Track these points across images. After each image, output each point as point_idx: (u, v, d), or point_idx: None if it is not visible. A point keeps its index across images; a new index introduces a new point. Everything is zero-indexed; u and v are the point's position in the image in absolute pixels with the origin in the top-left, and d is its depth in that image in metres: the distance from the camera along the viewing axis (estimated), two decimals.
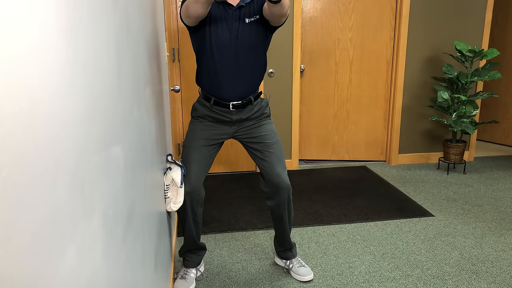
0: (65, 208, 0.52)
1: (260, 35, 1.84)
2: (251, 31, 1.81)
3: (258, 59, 1.87)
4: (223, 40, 1.79)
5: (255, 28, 1.82)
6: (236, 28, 1.79)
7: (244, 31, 1.80)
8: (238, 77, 1.84)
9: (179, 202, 1.78)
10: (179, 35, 3.45)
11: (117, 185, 0.82)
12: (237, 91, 1.85)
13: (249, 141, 1.94)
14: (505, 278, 2.07)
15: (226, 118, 1.89)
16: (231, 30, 1.79)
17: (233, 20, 1.79)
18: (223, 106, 1.87)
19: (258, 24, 1.82)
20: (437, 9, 3.75)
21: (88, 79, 0.65)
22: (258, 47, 1.85)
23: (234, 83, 1.84)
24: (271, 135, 1.93)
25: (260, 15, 1.81)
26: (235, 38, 1.79)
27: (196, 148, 1.88)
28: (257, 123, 1.93)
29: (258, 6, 1.81)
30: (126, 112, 0.95)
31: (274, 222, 2.01)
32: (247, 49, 1.82)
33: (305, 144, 4.06)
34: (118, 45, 0.89)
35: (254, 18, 1.81)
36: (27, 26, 0.43)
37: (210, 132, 1.90)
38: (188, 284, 1.97)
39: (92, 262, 0.63)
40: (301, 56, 3.82)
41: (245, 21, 1.80)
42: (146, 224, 1.20)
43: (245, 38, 1.80)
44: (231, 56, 1.81)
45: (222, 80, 1.84)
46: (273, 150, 1.91)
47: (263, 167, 1.91)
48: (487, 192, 3.27)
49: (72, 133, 0.56)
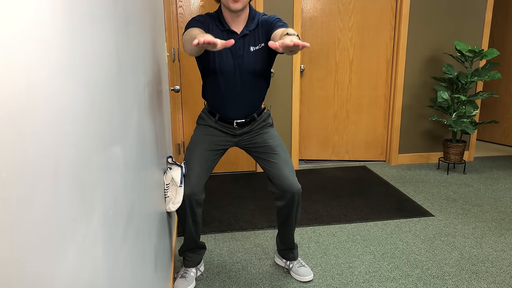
0: (65, 208, 0.52)
1: (265, 61, 1.85)
2: (256, 59, 1.81)
3: (262, 81, 1.89)
4: (227, 67, 1.80)
5: (260, 55, 1.82)
6: (241, 56, 1.79)
7: (249, 59, 1.80)
8: (242, 99, 1.86)
9: (178, 202, 1.78)
10: (179, 35, 3.45)
11: (117, 185, 0.82)
12: (241, 112, 1.89)
13: (253, 148, 1.95)
14: (505, 278, 2.07)
15: (230, 132, 1.93)
16: (236, 58, 1.79)
17: (237, 48, 1.78)
18: (227, 123, 1.91)
19: (263, 51, 1.82)
20: (437, 9, 3.75)
21: (88, 79, 0.65)
22: (263, 72, 1.86)
23: (238, 105, 1.87)
24: (274, 139, 1.94)
25: (265, 43, 1.81)
26: (239, 65, 1.80)
27: (200, 150, 1.89)
28: (259, 130, 1.95)
29: (263, 33, 1.80)
30: (126, 112, 0.95)
31: (279, 220, 1.98)
32: (252, 75, 1.83)
33: (305, 144, 4.06)
34: (118, 45, 0.89)
35: (259, 46, 1.81)
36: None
37: (215, 138, 1.92)
38: (188, 283, 1.97)
39: (92, 262, 0.63)
40: (301, 56, 3.82)
41: (250, 49, 1.80)
42: (146, 224, 1.20)
43: (250, 66, 1.81)
44: (235, 81, 1.82)
45: (226, 102, 1.87)
46: (278, 152, 1.89)
47: (270, 170, 1.88)
48: (487, 192, 3.27)
49: (72, 133, 0.56)
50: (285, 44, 1.25)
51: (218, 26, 1.78)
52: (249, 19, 1.79)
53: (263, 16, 1.82)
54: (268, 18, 1.80)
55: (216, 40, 1.27)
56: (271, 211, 2.88)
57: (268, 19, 1.79)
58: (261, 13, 1.85)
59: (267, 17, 1.80)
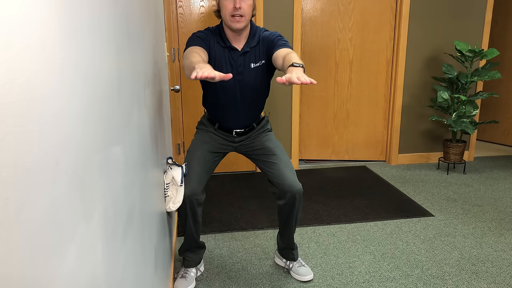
0: (65, 208, 0.52)
1: (265, 76, 1.88)
2: (256, 75, 1.84)
3: (262, 94, 1.93)
4: (227, 83, 1.83)
5: (260, 72, 1.85)
6: (241, 73, 1.82)
7: (249, 75, 1.83)
8: (241, 112, 1.91)
9: (178, 201, 1.78)
10: (179, 35, 3.45)
11: (117, 185, 0.82)
12: (241, 123, 1.94)
13: (251, 151, 1.98)
14: (505, 278, 2.07)
15: (229, 139, 1.98)
16: (236, 74, 1.82)
17: (238, 65, 1.81)
18: (226, 131, 1.96)
19: (263, 68, 1.85)
20: (437, 9, 3.75)
21: (88, 78, 0.65)
22: (262, 86, 1.90)
23: (237, 117, 1.92)
24: (272, 141, 1.97)
25: (265, 60, 1.84)
26: (239, 81, 1.83)
27: (201, 151, 1.92)
28: (257, 136, 1.99)
29: (264, 50, 1.83)
30: (126, 112, 0.95)
31: (280, 219, 1.98)
32: (251, 90, 1.87)
33: (305, 144, 4.06)
34: (118, 45, 0.89)
35: (260, 63, 1.83)
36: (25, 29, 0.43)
37: (215, 143, 1.97)
38: (188, 283, 1.97)
39: (92, 262, 0.63)
40: (301, 56, 3.82)
41: (250, 65, 1.82)
42: (146, 224, 1.20)
43: (250, 82, 1.84)
44: (235, 95, 1.86)
45: (225, 114, 1.91)
46: (276, 153, 1.91)
47: (270, 171, 1.89)
48: (487, 192, 3.27)
49: (72, 133, 0.56)
50: (292, 81, 1.29)
51: (219, 42, 1.80)
52: (250, 36, 1.82)
53: (264, 32, 1.85)
54: (269, 35, 1.82)
55: (214, 74, 1.30)
56: (271, 211, 2.88)
57: (269, 37, 1.81)
58: (262, 29, 1.88)
59: (268, 34, 1.83)
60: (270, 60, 1.84)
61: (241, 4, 1.68)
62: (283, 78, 1.30)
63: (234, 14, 1.70)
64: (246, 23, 1.74)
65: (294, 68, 1.43)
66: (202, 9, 3.43)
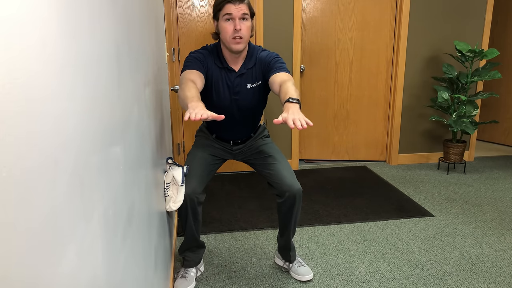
0: (64, 208, 0.52)
1: (262, 95, 1.92)
2: (253, 95, 1.88)
3: (259, 110, 1.96)
4: (224, 102, 1.87)
5: (257, 92, 1.88)
6: (238, 93, 1.86)
7: (246, 95, 1.87)
8: (238, 126, 1.95)
9: (179, 201, 1.78)
10: (179, 35, 3.45)
11: (117, 185, 0.82)
12: (237, 135, 1.99)
13: (249, 156, 2.02)
14: (505, 278, 2.07)
15: (227, 148, 2.02)
16: (232, 94, 1.86)
17: (235, 86, 1.84)
18: (224, 141, 2.01)
19: (260, 88, 1.88)
20: (437, 9, 3.74)
21: (88, 78, 0.65)
22: (259, 103, 1.93)
23: (234, 130, 1.96)
24: (269, 145, 2.01)
25: (262, 80, 1.87)
26: (236, 100, 1.87)
27: (202, 153, 1.96)
28: (255, 143, 2.03)
29: (260, 71, 1.85)
30: (126, 112, 0.95)
31: (280, 218, 1.99)
32: (248, 109, 1.91)
33: (305, 144, 4.06)
34: (118, 45, 0.89)
35: (256, 84, 1.87)
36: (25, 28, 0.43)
37: (215, 148, 2.01)
38: (188, 283, 1.97)
39: (92, 262, 0.63)
40: (301, 56, 3.82)
41: (247, 86, 1.86)
42: (146, 224, 1.20)
43: (246, 101, 1.88)
44: (232, 112, 1.90)
45: (222, 128, 1.96)
46: (273, 154, 1.94)
47: (269, 173, 1.90)
48: (487, 192, 3.27)
49: (72, 133, 0.56)
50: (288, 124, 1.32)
51: (217, 63, 1.83)
52: (247, 57, 1.85)
53: (262, 52, 1.87)
54: (266, 56, 1.84)
55: (206, 115, 1.33)
56: (271, 211, 2.88)
57: (267, 58, 1.83)
58: (259, 48, 1.90)
59: (266, 55, 1.85)
60: (266, 82, 1.87)
61: (241, 26, 1.72)
62: (279, 118, 1.33)
63: (235, 36, 1.73)
64: (245, 44, 1.77)
65: (290, 105, 1.43)
66: (202, 9, 3.43)
